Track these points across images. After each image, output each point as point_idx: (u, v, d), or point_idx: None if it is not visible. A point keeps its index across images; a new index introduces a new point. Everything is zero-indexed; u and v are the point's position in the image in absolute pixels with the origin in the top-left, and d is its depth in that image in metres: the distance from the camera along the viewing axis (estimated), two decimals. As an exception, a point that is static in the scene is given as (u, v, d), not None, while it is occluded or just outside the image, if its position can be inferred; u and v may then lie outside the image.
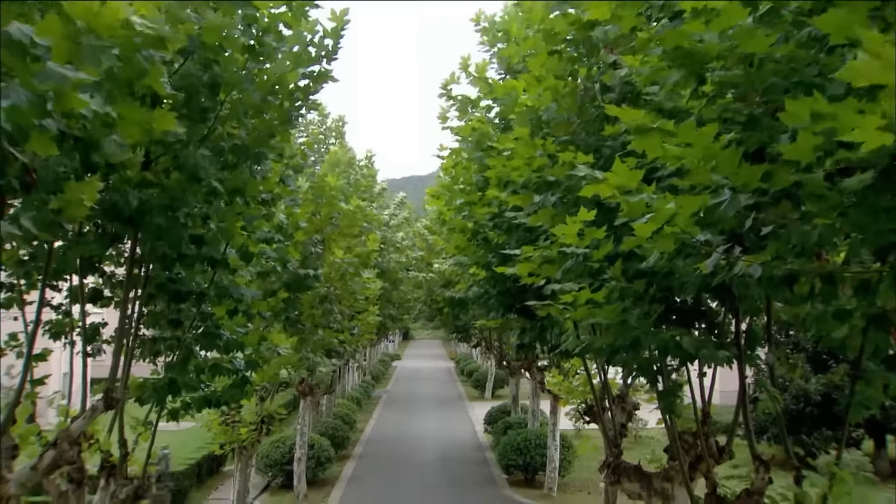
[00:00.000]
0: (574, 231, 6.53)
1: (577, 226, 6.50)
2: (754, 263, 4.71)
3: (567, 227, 6.52)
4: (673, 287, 6.64)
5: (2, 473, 6.81)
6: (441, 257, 22.10)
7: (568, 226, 6.52)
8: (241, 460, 16.47)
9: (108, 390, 7.74)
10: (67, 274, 9.96)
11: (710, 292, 6.45)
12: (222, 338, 9.45)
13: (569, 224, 6.50)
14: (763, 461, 7.21)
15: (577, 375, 14.77)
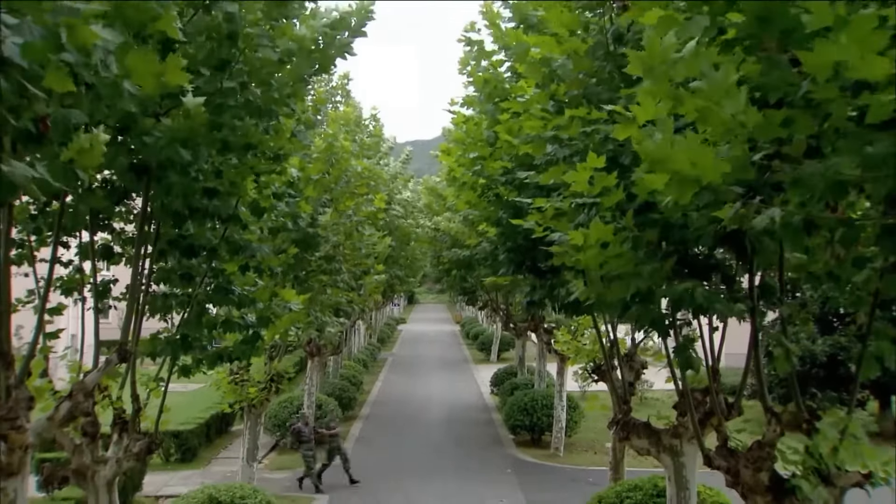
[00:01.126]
0: (585, 178, 6.46)
1: (587, 172, 6.43)
2: (774, 209, 4.67)
3: (577, 174, 6.45)
4: (688, 240, 6.60)
5: (20, 423, 6.85)
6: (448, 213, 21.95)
7: (579, 172, 6.45)
8: (250, 419, 16.57)
9: (122, 343, 7.75)
10: (77, 230, 9.96)
11: (725, 244, 6.40)
12: (234, 293, 9.45)
13: (579, 171, 6.43)
14: (775, 413, 7.21)
15: (585, 335, 14.79)
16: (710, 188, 5.41)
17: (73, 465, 10.01)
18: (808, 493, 7.09)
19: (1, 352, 6.80)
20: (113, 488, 10.10)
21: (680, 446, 10.76)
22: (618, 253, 6.30)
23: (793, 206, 4.68)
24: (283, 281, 10.34)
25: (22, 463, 7.10)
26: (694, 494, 10.76)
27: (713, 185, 5.27)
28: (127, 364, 8.11)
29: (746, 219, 5.02)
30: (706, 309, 6.49)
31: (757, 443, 7.26)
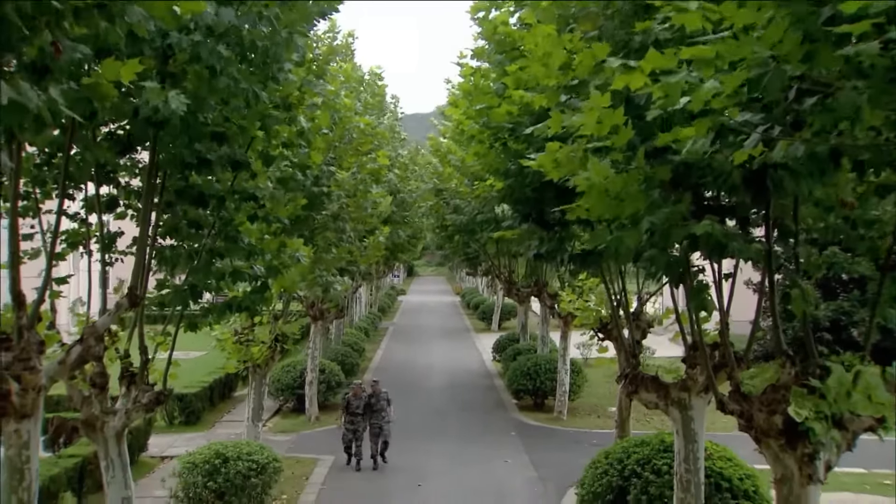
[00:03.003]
0: (593, 119, 6.34)
1: (594, 112, 6.31)
2: (796, 142, 4.60)
3: (584, 117, 6.33)
4: (705, 183, 6.53)
5: (33, 363, 6.83)
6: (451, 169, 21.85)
7: (585, 115, 6.33)
8: (255, 379, 16.60)
9: (132, 288, 7.71)
10: (83, 182, 9.89)
11: (743, 185, 6.32)
12: (243, 243, 9.40)
13: (585, 113, 6.31)
14: (790, 355, 7.19)
15: (591, 295, 14.76)
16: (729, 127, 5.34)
17: (83, 417, 10.02)
18: (821, 436, 7.09)
19: (14, 292, 6.76)
20: (122, 439, 10.12)
21: (688, 400, 10.77)
22: (628, 193, 6.22)
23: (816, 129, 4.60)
24: (293, 231, 10.26)
25: (35, 405, 7.10)
26: (702, 448, 10.79)
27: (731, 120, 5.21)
28: (136, 310, 8.04)
29: (769, 154, 4.95)
30: (724, 249, 6.42)
31: (771, 386, 7.25)
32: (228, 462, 13.00)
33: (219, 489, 12.82)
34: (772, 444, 7.31)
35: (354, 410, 17.25)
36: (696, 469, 10.70)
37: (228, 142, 8.02)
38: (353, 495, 15.18)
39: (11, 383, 6.87)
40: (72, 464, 14.10)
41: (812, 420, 6.95)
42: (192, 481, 12.92)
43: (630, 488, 11.99)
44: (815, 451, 7.21)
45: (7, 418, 7.04)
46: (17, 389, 6.89)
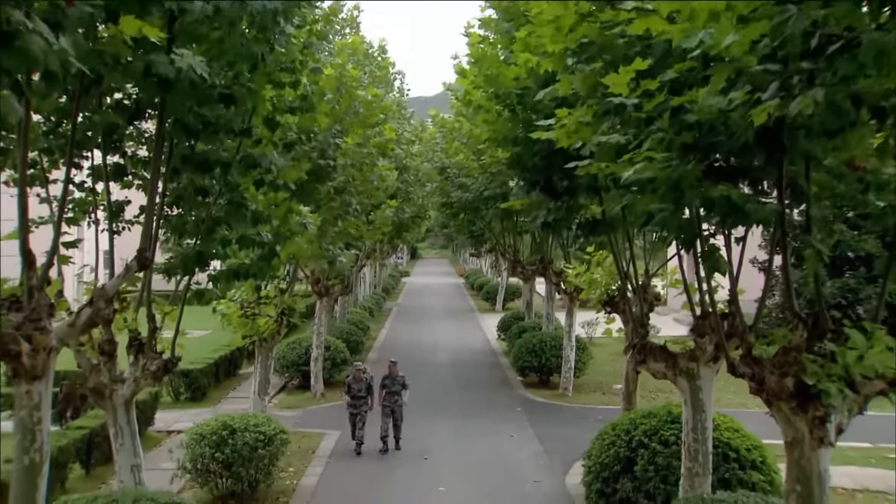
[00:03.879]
0: (625, 80, 6.32)
1: (628, 75, 6.29)
2: (817, 89, 4.54)
3: (618, 77, 6.31)
4: (720, 142, 6.46)
5: (44, 324, 6.82)
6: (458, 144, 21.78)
7: (619, 75, 6.31)
8: (261, 353, 16.60)
9: (142, 250, 7.68)
10: (89, 148, 9.85)
11: (756, 143, 6.26)
12: (248, 209, 9.36)
13: (620, 73, 6.28)
14: (802, 318, 7.15)
15: (599, 269, 14.72)
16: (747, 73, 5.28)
17: (91, 384, 10.04)
18: (834, 399, 7.07)
19: (24, 251, 6.74)
20: (130, 407, 10.14)
21: (697, 369, 10.75)
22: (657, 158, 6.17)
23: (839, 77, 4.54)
24: (299, 200, 10.21)
25: (45, 367, 7.10)
26: (710, 417, 10.78)
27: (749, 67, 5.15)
28: (145, 274, 8.02)
29: (786, 106, 4.89)
30: (738, 213, 6.37)
31: (783, 348, 7.22)
32: (236, 433, 13.01)
33: (226, 460, 12.84)
34: (783, 407, 7.29)
35: (356, 394, 16.71)
36: (703, 438, 10.70)
37: (236, 104, 7.95)
38: (359, 468, 15.21)
39: (22, 344, 6.87)
40: (80, 435, 14.15)
41: (825, 381, 6.92)
42: (199, 452, 12.94)
43: (637, 459, 11.99)
44: (827, 413, 7.19)
45: (18, 379, 7.06)
46: (27, 350, 6.89)
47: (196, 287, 11.08)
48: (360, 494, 13.90)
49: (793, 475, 7.41)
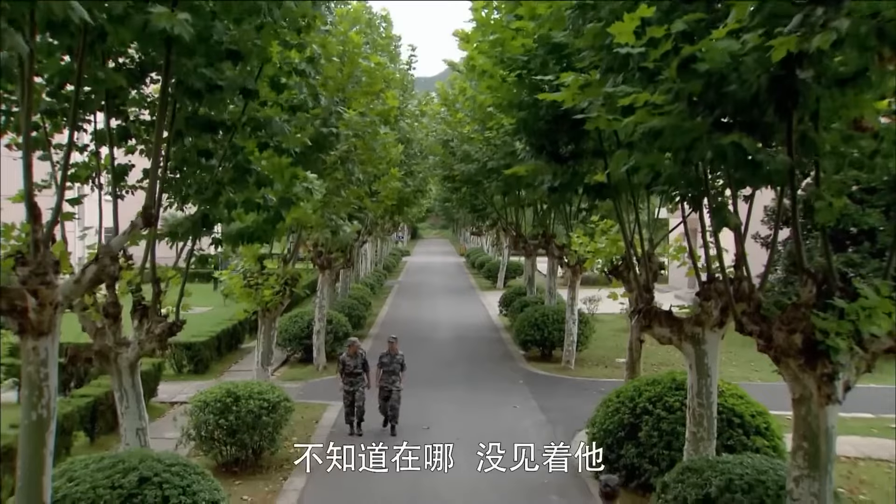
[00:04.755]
0: (630, 28, 6.23)
1: (634, 23, 6.20)
2: (841, 20, 4.48)
3: (623, 25, 6.22)
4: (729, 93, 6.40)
5: (50, 278, 6.79)
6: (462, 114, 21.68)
7: (624, 23, 6.22)
8: (264, 323, 16.60)
9: (147, 207, 7.63)
10: (93, 110, 9.77)
11: (768, 91, 6.18)
12: (253, 172, 9.30)
13: (625, 21, 6.20)
14: (812, 274, 7.12)
15: (603, 238, 14.67)
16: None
17: (96, 347, 10.03)
18: (843, 354, 7.05)
19: (29, 204, 6.69)
20: (135, 370, 10.13)
21: (702, 334, 10.74)
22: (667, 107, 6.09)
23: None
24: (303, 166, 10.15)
25: (52, 322, 7.06)
26: (715, 382, 10.78)
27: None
28: (150, 230, 7.97)
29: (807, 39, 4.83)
30: (749, 164, 6.31)
31: (792, 304, 7.20)
32: (240, 401, 13.03)
33: (230, 427, 12.87)
34: (791, 364, 7.27)
35: (352, 370, 15.80)
36: (708, 403, 10.70)
37: (243, 61, 7.87)
38: (362, 438, 15.20)
39: (28, 299, 6.84)
40: (84, 403, 14.19)
41: (835, 336, 6.90)
42: (203, 420, 12.96)
43: (642, 425, 12.01)
44: (835, 371, 7.18)
45: (25, 335, 7.02)
46: (33, 305, 6.85)
47: (199, 253, 11.07)
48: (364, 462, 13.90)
49: (800, 432, 7.42)
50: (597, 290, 27.30)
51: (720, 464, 9.27)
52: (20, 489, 7.18)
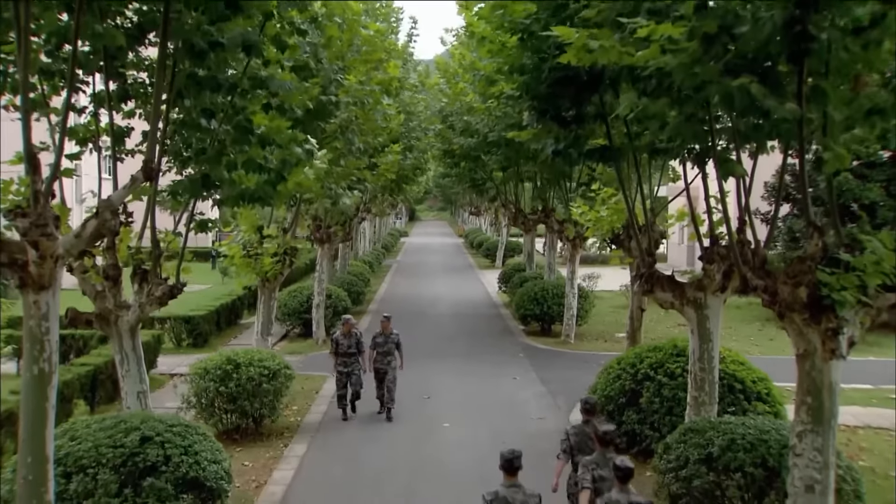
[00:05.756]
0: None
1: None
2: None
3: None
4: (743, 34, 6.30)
5: (50, 230, 6.74)
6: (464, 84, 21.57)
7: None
8: (264, 294, 16.56)
9: (148, 161, 7.57)
10: (91, 70, 9.69)
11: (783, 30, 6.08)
12: (255, 132, 9.22)
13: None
14: (817, 227, 7.07)
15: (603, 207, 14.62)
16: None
17: (97, 310, 10.00)
18: (848, 308, 7.01)
19: (28, 154, 6.63)
20: (136, 333, 10.10)
21: (704, 299, 10.72)
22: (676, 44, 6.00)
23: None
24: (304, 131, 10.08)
25: (52, 276, 7.02)
26: (717, 347, 10.77)
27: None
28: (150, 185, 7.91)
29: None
30: (757, 110, 6.23)
31: (798, 258, 7.16)
32: (240, 368, 13.01)
33: (231, 394, 12.86)
34: (795, 319, 7.23)
35: (346, 351, 14.67)
36: (710, 368, 10.70)
37: (243, 12, 7.78)
38: (362, 407, 15.19)
39: (29, 251, 6.79)
40: (84, 371, 14.18)
41: (840, 290, 6.86)
42: (204, 387, 12.95)
43: (643, 392, 12.01)
44: (839, 326, 7.14)
45: (26, 289, 6.98)
46: (34, 258, 6.80)
47: (199, 217, 11.02)
48: (365, 430, 13.94)
49: (803, 387, 7.39)
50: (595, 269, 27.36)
51: (722, 424, 9.28)
52: (23, 443, 7.15)
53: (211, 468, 8.88)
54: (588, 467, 7.90)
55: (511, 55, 10.74)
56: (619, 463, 7.15)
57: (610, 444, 8.04)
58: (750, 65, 6.80)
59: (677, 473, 8.97)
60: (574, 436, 9.04)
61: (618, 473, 7.11)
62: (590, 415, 9.20)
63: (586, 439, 8.83)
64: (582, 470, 7.98)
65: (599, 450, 8.06)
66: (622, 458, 7.27)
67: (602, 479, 7.73)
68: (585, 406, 9.33)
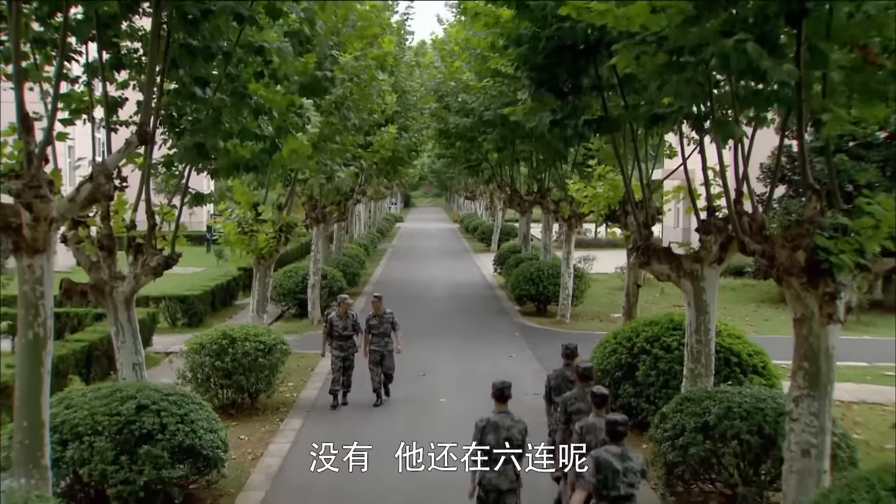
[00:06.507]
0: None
1: None
2: None
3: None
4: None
5: (44, 192, 6.69)
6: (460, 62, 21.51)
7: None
8: (259, 271, 16.52)
9: (142, 124, 7.51)
10: (84, 38, 9.59)
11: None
12: (251, 99, 9.17)
13: None
14: (816, 190, 7.06)
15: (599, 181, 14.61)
16: None
17: (91, 281, 9.96)
18: (846, 271, 7.00)
19: (20, 114, 6.57)
20: (131, 305, 10.07)
21: (701, 271, 10.71)
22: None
23: None
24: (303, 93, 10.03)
25: (47, 239, 6.99)
26: (713, 319, 10.78)
27: None
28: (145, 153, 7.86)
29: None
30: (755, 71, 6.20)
31: (796, 221, 7.15)
32: (236, 343, 12.97)
33: (226, 369, 12.83)
34: (793, 283, 7.23)
35: (341, 333, 13.83)
36: (707, 340, 10.71)
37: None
38: (357, 384, 15.16)
39: (23, 214, 6.75)
40: (80, 347, 14.14)
41: (838, 253, 6.85)
42: (199, 362, 12.92)
43: (639, 365, 12.02)
44: (837, 290, 7.14)
45: (20, 253, 6.95)
46: (28, 220, 6.76)
47: (194, 191, 10.98)
48: (361, 405, 13.93)
49: (800, 352, 7.39)
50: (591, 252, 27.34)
51: (719, 393, 9.29)
52: (18, 409, 7.14)
53: (207, 437, 8.88)
54: (567, 403, 8.79)
55: (507, 27, 10.68)
56: (595, 391, 7.95)
57: (589, 378, 8.82)
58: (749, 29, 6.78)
59: (673, 442, 8.97)
60: (554, 379, 9.91)
61: (595, 400, 7.86)
62: (569, 359, 9.82)
63: (566, 382, 9.58)
64: (563, 416, 8.81)
65: (579, 385, 8.87)
66: (599, 388, 8.08)
67: (579, 411, 8.51)
68: (565, 351, 9.96)
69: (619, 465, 6.67)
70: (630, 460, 6.75)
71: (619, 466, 6.66)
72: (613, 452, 6.74)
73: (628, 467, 6.69)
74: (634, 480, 6.71)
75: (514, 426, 7.90)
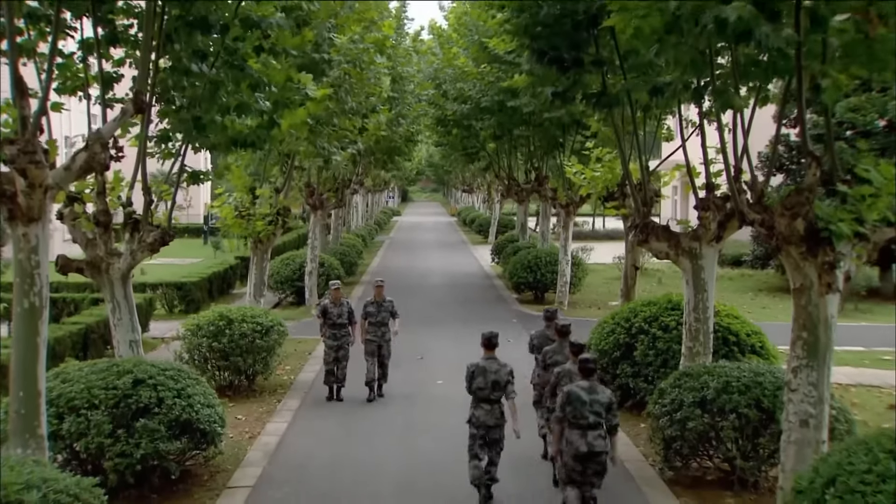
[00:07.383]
0: None
1: None
2: None
3: None
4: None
5: (39, 157, 6.65)
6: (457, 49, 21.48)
7: None
8: (256, 255, 16.48)
9: (138, 92, 7.46)
10: (79, 14, 9.53)
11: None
12: (248, 73, 9.11)
13: None
14: (815, 157, 7.03)
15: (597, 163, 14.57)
16: None
17: (88, 258, 9.91)
18: (845, 239, 6.98)
19: (15, 78, 6.53)
20: (127, 282, 10.01)
21: (699, 249, 10.68)
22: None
23: None
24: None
25: (42, 208, 6.94)
26: (712, 298, 10.75)
27: None
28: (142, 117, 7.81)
29: None
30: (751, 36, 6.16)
31: (796, 189, 7.12)
32: (233, 324, 12.93)
33: (224, 350, 12.79)
34: (792, 252, 7.20)
35: (335, 321, 13.31)
36: (705, 318, 10.69)
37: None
38: (354, 368, 15.13)
39: (17, 180, 6.70)
40: (76, 329, 14.09)
41: (838, 222, 6.83)
42: (196, 343, 12.88)
43: (637, 345, 12.00)
44: (836, 259, 7.12)
45: (15, 222, 6.90)
46: (23, 187, 6.71)
47: (190, 170, 10.93)
48: (359, 386, 13.89)
49: (799, 322, 7.37)
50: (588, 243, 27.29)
51: (717, 368, 9.28)
52: (14, 379, 7.10)
53: (204, 412, 8.85)
54: (546, 355, 9.91)
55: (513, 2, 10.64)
56: (573, 341, 9.04)
57: (567, 334, 9.65)
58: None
59: (672, 417, 8.97)
60: (536, 338, 10.98)
61: (573, 349, 8.86)
62: (549, 321, 10.77)
63: (547, 340, 10.55)
64: (542, 364, 10.02)
65: (559, 340, 9.85)
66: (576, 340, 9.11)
67: (557, 363, 9.47)
68: (546, 314, 11.07)
69: (586, 396, 7.76)
70: (597, 393, 7.82)
71: (587, 398, 7.75)
72: (582, 386, 7.84)
73: (594, 399, 7.77)
74: (600, 410, 7.72)
75: (500, 369, 8.95)
